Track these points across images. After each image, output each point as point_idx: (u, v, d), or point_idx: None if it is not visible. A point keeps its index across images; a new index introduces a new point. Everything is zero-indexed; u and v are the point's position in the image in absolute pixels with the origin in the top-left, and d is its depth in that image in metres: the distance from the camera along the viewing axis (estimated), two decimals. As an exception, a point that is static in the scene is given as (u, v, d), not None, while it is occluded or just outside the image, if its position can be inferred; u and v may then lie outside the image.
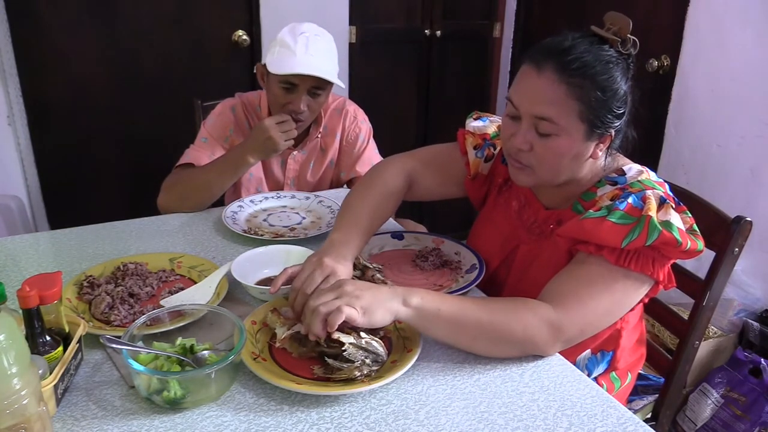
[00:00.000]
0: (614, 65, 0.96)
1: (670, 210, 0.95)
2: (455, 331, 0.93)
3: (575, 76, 0.94)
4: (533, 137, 0.99)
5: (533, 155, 1.01)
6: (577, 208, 1.06)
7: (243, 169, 1.51)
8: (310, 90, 1.50)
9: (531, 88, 0.98)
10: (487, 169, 1.25)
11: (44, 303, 0.83)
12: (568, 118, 0.96)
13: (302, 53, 1.45)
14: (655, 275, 0.96)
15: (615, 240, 0.93)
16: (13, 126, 2.16)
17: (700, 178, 2.24)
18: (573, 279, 0.98)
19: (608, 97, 0.96)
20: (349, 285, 0.89)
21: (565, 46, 0.96)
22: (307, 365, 0.91)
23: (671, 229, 0.92)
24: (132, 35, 2.33)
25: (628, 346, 1.16)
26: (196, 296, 1.06)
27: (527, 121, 0.99)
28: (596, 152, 1.01)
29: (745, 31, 2.04)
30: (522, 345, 0.94)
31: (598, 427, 0.82)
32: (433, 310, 0.90)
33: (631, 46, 0.97)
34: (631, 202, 0.95)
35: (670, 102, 2.32)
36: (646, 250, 0.95)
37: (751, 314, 2.08)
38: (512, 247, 1.17)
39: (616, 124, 0.99)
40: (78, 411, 0.82)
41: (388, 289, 0.91)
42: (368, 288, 0.89)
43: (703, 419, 1.94)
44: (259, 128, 1.46)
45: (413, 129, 3.15)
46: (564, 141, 0.97)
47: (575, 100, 0.95)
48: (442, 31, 2.97)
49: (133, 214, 1.47)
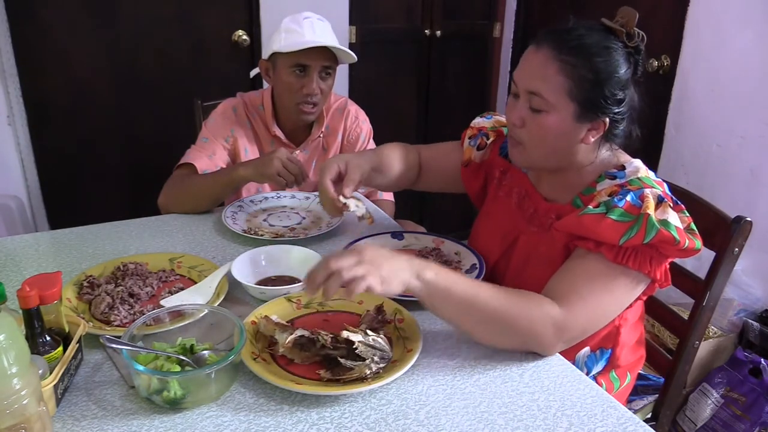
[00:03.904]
0: (615, 52, 0.97)
1: (668, 209, 0.95)
2: (462, 312, 0.93)
3: (570, 55, 0.96)
4: (527, 113, 1.02)
5: (525, 132, 1.04)
6: (576, 203, 1.06)
7: (235, 179, 1.45)
8: (321, 71, 1.54)
9: (528, 65, 1.01)
10: (480, 157, 1.28)
11: (44, 303, 0.83)
12: (556, 94, 0.97)
13: (311, 33, 1.50)
14: (653, 274, 0.97)
15: (613, 237, 0.94)
16: (13, 126, 2.16)
17: (700, 178, 2.24)
18: (573, 276, 0.98)
19: (602, 80, 0.96)
20: (370, 252, 0.88)
21: (567, 28, 0.99)
22: (312, 370, 0.90)
23: (669, 227, 0.92)
24: (132, 35, 2.33)
25: (628, 344, 1.16)
26: (196, 296, 1.06)
27: (523, 97, 1.02)
28: (588, 137, 1.01)
29: (745, 31, 2.04)
30: (524, 339, 0.95)
31: (598, 427, 0.82)
32: (444, 288, 0.90)
33: (639, 41, 0.98)
34: (629, 200, 0.95)
35: (670, 102, 2.32)
36: (644, 248, 0.95)
37: (751, 314, 2.08)
38: (512, 239, 1.17)
39: (612, 111, 0.99)
40: (78, 411, 0.82)
41: (406, 259, 0.91)
42: (387, 257, 0.89)
43: (703, 419, 1.94)
44: (271, 152, 1.44)
45: (413, 129, 3.15)
46: (553, 118, 0.99)
47: (566, 78, 0.97)
48: (442, 31, 2.97)
49: (133, 214, 1.47)
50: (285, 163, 1.39)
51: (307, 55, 1.50)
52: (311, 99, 1.55)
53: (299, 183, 1.43)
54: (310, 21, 1.52)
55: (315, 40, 1.48)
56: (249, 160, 1.50)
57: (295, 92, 1.55)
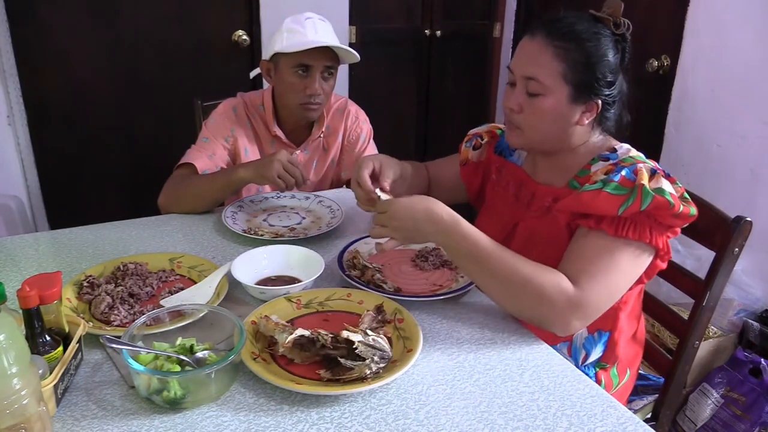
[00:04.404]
0: (604, 37, 1.04)
1: (662, 179, 1.00)
2: (479, 269, 1.02)
3: (563, 40, 1.03)
4: (524, 99, 1.08)
5: (522, 116, 1.09)
6: (573, 185, 1.11)
7: (235, 181, 1.45)
8: (323, 71, 1.54)
9: (523, 52, 1.08)
10: (477, 157, 1.34)
11: (44, 303, 0.83)
12: (552, 77, 1.04)
13: (312, 34, 1.50)
14: (654, 242, 1.00)
15: (612, 209, 0.98)
16: (13, 126, 2.17)
17: (700, 178, 2.24)
18: (579, 257, 1.02)
19: (593, 63, 1.03)
20: (396, 219, 1.02)
21: (558, 17, 1.07)
22: (312, 370, 0.90)
23: (663, 193, 0.97)
24: (132, 35, 2.33)
25: (626, 332, 1.17)
26: (196, 296, 1.06)
27: (520, 83, 1.08)
28: (582, 119, 1.07)
29: (745, 31, 2.04)
30: (534, 303, 0.99)
31: (598, 427, 0.82)
32: (466, 247, 1.02)
33: (625, 29, 1.05)
34: (624, 174, 1.01)
35: (670, 102, 2.32)
36: (641, 218, 0.99)
37: (751, 314, 2.08)
38: (511, 226, 1.21)
39: (603, 93, 1.05)
40: (78, 411, 0.82)
41: (430, 230, 1.02)
42: (411, 230, 1.02)
43: (703, 419, 1.94)
44: (271, 154, 1.43)
45: (413, 129, 3.15)
46: (549, 100, 1.05)
47: (560, 61, 1.03)
48: (442, 31, 2.98)
49: (133, 214, 1.47)
50: (285, 165, 1.39)
51: (309, 56, 1.50)
52: (314, 99, 1.55)
53: (299, 186, 1.43)
54: (312, 21, 1.52)
55: (318, 40, 1.49)
56: (249, 162, 1.50)
57: (298, 93, 1.55)
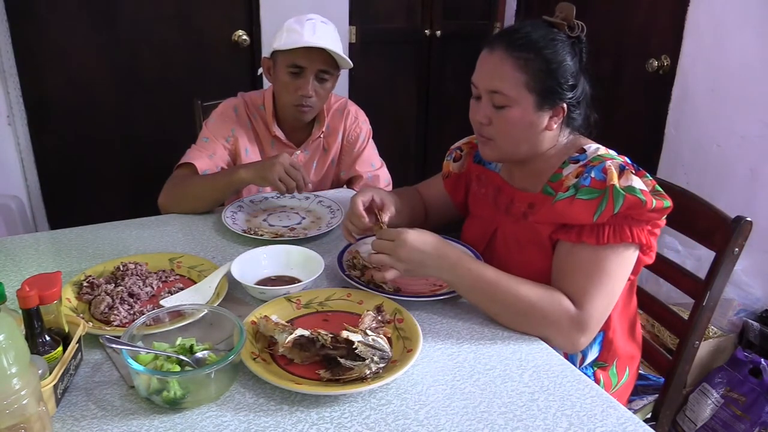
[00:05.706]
0: (560, 43, 1.06)
1: (630, 175, 1.01)
2: (486, 300, 1.04)
3: (521, 50, 1.04)
4: (491, 111, 1.09)
5: (492, 128, 1.11)
6: (547, 191, 1.12)
7: (235, 182, 1.45)
8: (318, 74, 1.53)
9: (485, 67, 1.10)
10: (458, 168, 1.36)
11: (44, 303, 0.83)
12: (516, 89, 1.05)
13: (310, 35, 1.48)
14: (637, 240, 1.02)
15: (587, 216, 1.01)
16: (13, 126, 2.17)
17: (700, 178, 2.24)
18: (571, 277, 1.04)
19: (554, 69, 1.05)
20: (404, 250, 1.03)
21: (514, 28, 1.09)
22: (312, 370, 0.90)
23: (634, 192, 0.99)
24: (132, 35, 2.33)
25: (620, 329, 1.18)
26: (196, 296, 1.06)
27: (485, 97, 1.10)
28: (551, 124, 1.09)
29: (745, 31, 2.04)
30: (541, 326, 1.02)
31: (598, 427, 0.82)
32: (471, 281, 1.04)
33: (579, 31, 1.07)
34: (594, 176, 1.03)
35: (670, 102, 2.32)
36: (618, 220, 1.01)
37: (751, 314, 2.08)
38: (492, 231, 1.23)
39: (567, 96, 1.07)
40: (78, 411, 0.82)
41: (436, 265, 1.04)
42: (417, 263, 1.04)
43: (703, 419, 1.94)
44: (273, 156, 1.43)
45: (413, 129, 3.15)
46: (516, 111, 1.07)
47: (521, 72, 1.04)
48: (442, 31, 2.97)
49: (133, 214, 1.47)
50: (287, 168, 1.39)
51: (303, 56, 1.49)
52: (305, 101, 1.54)
53: (300, 189, 1.43)
54: (312, 22, 1.51)
55: (311, 41, 1.47)
56: (250, 163, 1.50)
57: (290, 92, 1.54)
